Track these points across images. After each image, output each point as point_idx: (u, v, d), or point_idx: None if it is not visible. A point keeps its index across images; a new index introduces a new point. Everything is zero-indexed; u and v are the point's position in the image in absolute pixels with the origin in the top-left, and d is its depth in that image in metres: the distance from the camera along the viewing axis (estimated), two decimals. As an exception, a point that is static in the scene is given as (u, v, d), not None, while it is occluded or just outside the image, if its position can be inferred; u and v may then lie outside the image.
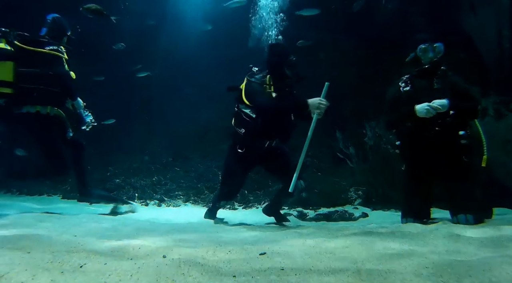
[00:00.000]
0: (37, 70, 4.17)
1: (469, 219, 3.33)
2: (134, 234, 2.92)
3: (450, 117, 3.48)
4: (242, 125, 4.00)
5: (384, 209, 5.54)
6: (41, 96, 4.23)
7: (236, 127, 4.07)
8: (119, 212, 4.88)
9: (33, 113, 4.23)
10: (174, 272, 1.75)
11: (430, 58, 3.62)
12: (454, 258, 2.05)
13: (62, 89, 4.38)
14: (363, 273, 1.78)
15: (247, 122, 3.97)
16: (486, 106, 5.19)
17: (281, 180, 4.26)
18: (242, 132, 3.97)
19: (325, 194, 6.06)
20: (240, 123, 4.02)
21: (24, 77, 4.12)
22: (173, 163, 8.14)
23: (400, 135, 3.90)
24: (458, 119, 3.51)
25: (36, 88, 4.18)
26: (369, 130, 6.20)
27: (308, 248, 2.40)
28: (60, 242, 2.32)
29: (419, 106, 3.52)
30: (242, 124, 4.00)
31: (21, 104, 4.19)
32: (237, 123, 4.06)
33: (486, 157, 3.60)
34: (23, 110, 4.20)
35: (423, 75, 3.70)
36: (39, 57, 4.18)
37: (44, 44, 4.25)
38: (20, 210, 4.44)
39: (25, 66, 4.14)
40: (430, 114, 3.46)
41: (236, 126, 4.07)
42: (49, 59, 4.25)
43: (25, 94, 4.15)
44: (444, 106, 3.44)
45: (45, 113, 4.30)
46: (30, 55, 4.14)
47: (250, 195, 6.57)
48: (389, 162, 5.65)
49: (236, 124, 4.08)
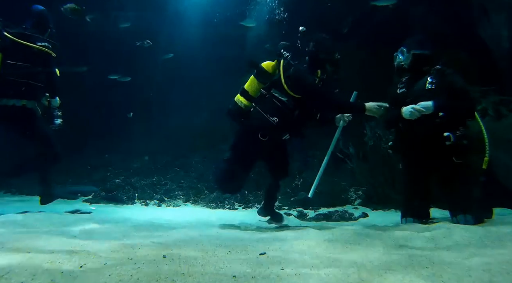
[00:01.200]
0: (26, 65, 4.17)
1: (468, 219, 3.33)
2: (134, 234, 2.93)
3: (439, 118, 3.48)
4: (275, 114, 3.66)
5: (384, 209, 5.54)
6: (28, 91, 4.23)
7: (265, 113, 3.70)
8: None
9: (19, 106, 4.21)
10: (174, 272, 1.75)
11: (398, 63, 3.76)
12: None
13: (47, 86, 4.41)
14: (364, 273, 1.78)
15: (282, 111, 3.67)
16: (486, 106, 5.19)
17: (273, 175, 4.15)
18: (275, 121, 3.65)
19: (325, 194, 6.06)
20: (272, 111, 3.68)
21: (12, 70, 4.10)
22: (172, 162, 8.13)
23: (395, 135, 3.98)
24: (451, 120, 3.49)
25: (23, 83, 4.17)
26: (369, 130, 6.20)
27: (308, 248, 2.40)
28: (60, 241, 2.32)
29: (405, 108, 3.56)
30: (276, 113, 3.67)
31: (4, 96, 4.16)
32: (267, 110, 3.71)
33: (488, 158, 3.60)
34: (9, 103, 4.17)
35: (410, 76, 3.76)
36: (29, 52, 4.17)
37: (35, 39, 4.24)
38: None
39: (14, 60, 4.13)
40: (414, 117, 3.48)
41: (266, 112, 3.70)
42: (40, 55, 4.24)
43: (12, 87, 4.13)
44: (428, 108, 3.45)
45: (30, 107, 4.31)
46: (20, 49, 4.12)
47: (250, 195, 6.58)
48: (389, 162, 5.64)
49: (266, 111, 3.71)
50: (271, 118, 3.67)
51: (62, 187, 6.85)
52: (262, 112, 3.72)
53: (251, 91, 3.85)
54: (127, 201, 6.39)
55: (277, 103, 3.69)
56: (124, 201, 6.36)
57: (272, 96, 3.74)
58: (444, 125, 3.48)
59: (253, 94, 3.86)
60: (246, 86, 3.88)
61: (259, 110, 3.75)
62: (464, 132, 3.49)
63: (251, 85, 3.87)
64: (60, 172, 7.72)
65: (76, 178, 7.70)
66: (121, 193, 6.62)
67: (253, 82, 3.86)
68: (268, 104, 3.73)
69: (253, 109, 3.81)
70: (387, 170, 5.72)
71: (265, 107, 3.73)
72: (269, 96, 3.76)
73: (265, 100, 3.77)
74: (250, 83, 3.88)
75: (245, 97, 3.86)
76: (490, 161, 3.63)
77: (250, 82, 3.88)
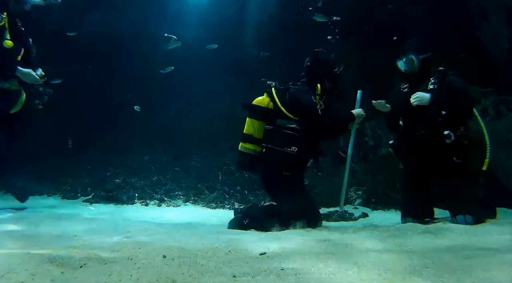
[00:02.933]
0: None
1: (468, 219, 3.33)
2: (134, 234, 2.92)
3: (442, 117, 3.50)
4: (291, 144, 3.43)
5: (384, 209, 5.54)
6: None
7: (280, 147, 3.45)
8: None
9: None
10: (174, 272, 1.75)
11: (408, 70, 3.75)
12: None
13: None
14: (364, 273, 1.78)
15: (297, 138, 3.46)
16: (486, 106, 5.19)
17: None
18: (295, 151, 3.43)
19: (325, 194, 6.06)
20: (287, 141, 3.45)
21: None
22: (173, 162, 8.13)
23: (396, 134, 3.99)
24: (452, 120, 3.51)
25: None
26: (369, 130, 6.21)
27: (308, 248, 2.40)
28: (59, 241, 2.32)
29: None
30: (292, 142, 3.44)
31: None
32: (281, 143, 3.46)
33: (488, 160, 3.61)
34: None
35: (413, 80, 3.79)
36: None
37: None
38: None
39: None
40: (414, 104, 3.55)
41: (281, 146, 3.45)
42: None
43: None
44: (424, 98, 3.51)
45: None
46: None
47: (250, 195, 6.57)
48: (389, 162, 5.65)
49: (280, 144, 3.46)
50: (289, 149, 3.44)
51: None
52: (277, 147, 3.47)
53: (254, 133, 3.64)
54: (127, 201, 6.38)
55: (288, 133, 3.48)
56: (124, 201, 6.35)
57: (279, 128, 3.53)
58: (445, 125, 3.49)
59: (258, 135, 3.64)
60: (246, 131, 3.69)
61: (273, 147, 3.49)
62: (464, 132, 3.52)
63: (252, 127, 3.67)
64: (60, 172, 7.73)
65: (76, 178, 7.69)
66: (121, 193, 6.61)
67: (253, 124, 3.67)
68: (280, 137, 3.49)
69: (264, 150, 3.56)
70: (387, 169, 5.72)
71: (278, 141, 3.49)
72: (276, 130, 3.54)
73: (274, 135, 3.54)
74: (250, 126, 3.68)
75: (250, 142, 3.64)
76: (490, 162, 3.63)
77: (249, 126, 3.69)
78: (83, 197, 6.69)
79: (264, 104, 3.65)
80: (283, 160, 3.46)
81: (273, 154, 3.49)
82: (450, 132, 3.44)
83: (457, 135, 3.46)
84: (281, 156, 3.46)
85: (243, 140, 3.69)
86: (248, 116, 3.71)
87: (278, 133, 3.52)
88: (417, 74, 3.75)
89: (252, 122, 3.67)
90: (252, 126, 3.67)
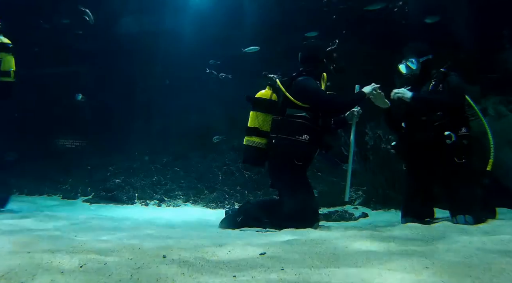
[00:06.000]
0: None
1: (468, 219, 3.33)
2: (134, 234, 2.93)
3: (438, 117, 3.54)
4: (303, 132, 3.45)
5: (384, 209, 5.55)
6: None
7: (292, 136, 3.46)
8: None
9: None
10: (174, 272, 1.75)
11: (409, 73, 3.77)
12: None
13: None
14: (363, 274, 1.78)
15: (308, 126, 3.48)
16: (486, 106, 5.20)
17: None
18: (307, 139, 3.44)
19: (325, 194, 6.06)
20: (299, 130, 3.47)
21: None
22: (173, 162, 8.13)
23: (398, 136, 4.00)
24: (452, 120, 3.52)
25: None
26: (369, 130, 6.21)
27: (308, 248, 2.40)
28: (59, 241, 2.32)
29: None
30: (303, 131, 3.45)
31: None
32: (293, 132, 3.47)
33: (492, 160, 3.61)
34: None
35: (414, 82, 3.81)
36: None
37: None
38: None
39: None
40: (394, 97, 3.66)
41: (293, 134, 3.46)
42: None
43: None
44: (404, 93, 3.59)
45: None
46: None
47: (250, 195, 6.58)
48: (389, 162, 5.65)
49: (292, 133, 3.47)
50: (301, 137, 3.44)
51: None
52: (289, 137, 3.47)
53: (261, 126, 3.61)
54: (127, 201, 6.39)
55: (299, 121, 3.48)
56: (124, 201, 6.36)
57: (289, 117, 3.54)
58: (446, 126, 3.50)
59: (265, 128, 3.61)
60: (250, 124, 3.64)
61: (284, 137, 3.50)
62: (466, 133, 3.53)
63: (257, 120, 3.62)
64: (60, 172, 7.73)
65: (77, 178, 7.70)
66: (121, 193, 6.62)
67: (258, 117, 3.62)
68: (291, 126, 3.50)
69: (274, 140, 3.55)
70: (387, 170, 5.72)
71: (289, 131, 3.50)
72: (286, 119, 3.54)
73: (285, 124, 3.54)
74: (254, 119, 3.64)
75: (257, 135, 3.59)
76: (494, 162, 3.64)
77: (253, 119, 3.65)
78: (83, 197, 6.71)
79: (268, 96, 3.67)
80: (296, 148, 3.46)
81: (284, 143, 3.49)
82: (451, 133, 3.45)
83: (458, 136, 3.46)
84: (294, 145, 3.46)
85: (248, 134, 3.66)
86: (251, 110, 3.69)
87: (289, 123, 3.52)
88: (418, 77, 3.77)
89: (256, 115, 3.65)
90: (256, 119, 3.64)
